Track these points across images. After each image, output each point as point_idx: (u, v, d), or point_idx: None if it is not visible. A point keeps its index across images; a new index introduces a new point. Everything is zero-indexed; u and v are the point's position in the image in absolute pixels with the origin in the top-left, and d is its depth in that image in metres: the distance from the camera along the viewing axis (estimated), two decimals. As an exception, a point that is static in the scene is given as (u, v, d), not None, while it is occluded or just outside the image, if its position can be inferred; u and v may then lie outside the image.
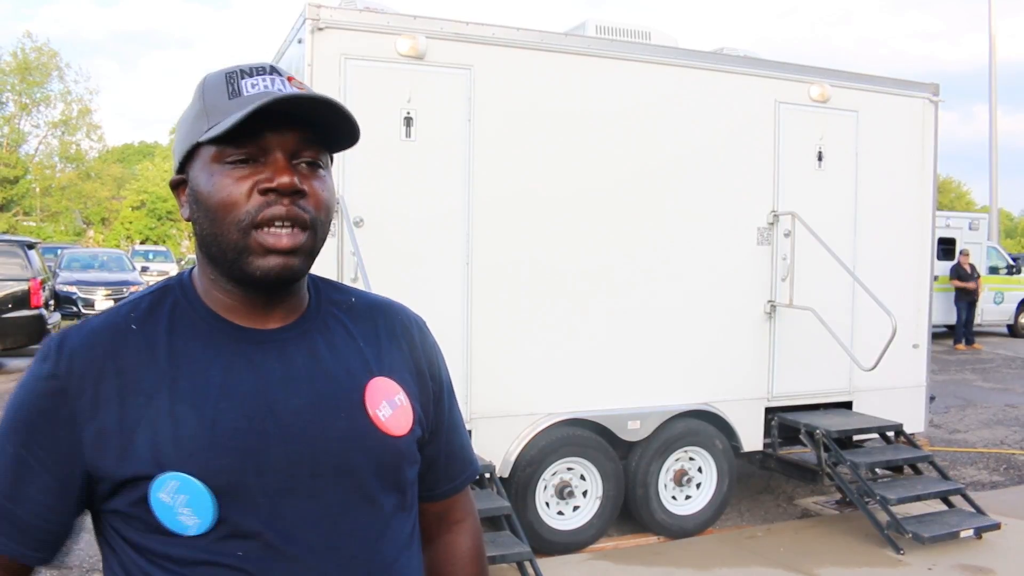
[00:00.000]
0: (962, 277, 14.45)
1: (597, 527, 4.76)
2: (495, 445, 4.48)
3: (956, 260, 14.68)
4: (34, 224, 34.33)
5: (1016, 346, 15.16)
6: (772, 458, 5.42)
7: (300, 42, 4.18)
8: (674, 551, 4.73)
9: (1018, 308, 16.50)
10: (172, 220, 42.47)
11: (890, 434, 5.32)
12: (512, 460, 4.53)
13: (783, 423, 5.23)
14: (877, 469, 5.18)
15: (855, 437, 5.31)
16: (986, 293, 15.60)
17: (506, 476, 4.52)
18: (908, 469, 5.35)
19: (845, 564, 4.47)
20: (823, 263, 5.08)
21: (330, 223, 1.07)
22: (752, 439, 5.20)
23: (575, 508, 4.74)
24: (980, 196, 51.40)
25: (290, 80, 1.03)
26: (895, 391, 5.60)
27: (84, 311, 14.32)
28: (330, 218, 1.07)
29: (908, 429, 5.40)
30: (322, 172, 1.05)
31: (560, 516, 4.72)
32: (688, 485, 5.03)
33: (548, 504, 4.69)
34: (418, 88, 4.29)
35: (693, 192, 4.99)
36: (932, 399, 6.00)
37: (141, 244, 36.35)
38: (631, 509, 4.90)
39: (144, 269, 22.09)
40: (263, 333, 1.05)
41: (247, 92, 1.00)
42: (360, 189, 4.15)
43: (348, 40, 4.15)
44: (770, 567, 4.42)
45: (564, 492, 4.68)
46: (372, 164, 4.16)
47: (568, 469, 4.72)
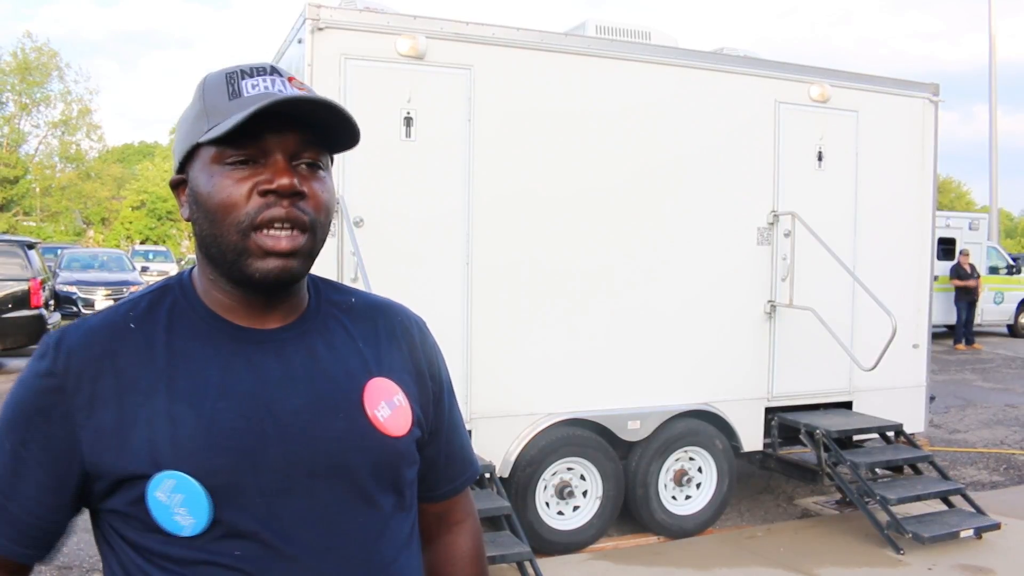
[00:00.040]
0: (962, 277, 14.45)
1: (597, 527, 4.76)
2: (495, 445, 4.48)
3: (956, 260, 14.68)
4: (34, 224, 34.34)
5: (1016, 346, 15.15)
6: (772, 458, 5.43)
7: (300, 42, 4.19)
8: (674, 551, 4.73)
9: (1018, 308, 16.51)
10: (172, 220, 42.47)
11: (890, 434, 5.32)
12: (512, 460, 4.53)
13: (783, 423, 5.23)
14: (877, 469, 5.18)
15: (855, 437, 5.31)
16: (986, 293, 15.60)
17: (506, 476, 4.52)
18: (908, 469, 5.35)
19: (845, 564, 4.47)
20: (823, 263, 5.08)
21: (330, 224, 1.07)
22: (752, 439, 5.20)
23: (575, 508, 4.74)
24: (980, 196, 51.45)
25: (291, 81, 1.03)
26: (895, 391, 5.60)
27: (84, 311, 14.32)
28: (330, 219, 1.06)
29: (908, 429, 5.40)
30: (322, 173, 1.04)
31: (560, 516, 4.72)
32: (688, 485, 5.03)
33: (548, 504, 4.69)
34: (418, 88, 4.29)
35: (693, 192, 4.99)
36: (932, 399, 6.00)
37: (141, 244, 36.35)
38: (631, 509, 4.90)
39: (144, 269, 22.09)
40: (262, 333, 1.05)
41: (247, 93, 1.00)
42: (360, 189, 4.15)
43: (348, 40, 4.15)
44: (770, 567, 4.42)
45: (564, 492, 4.68)
46: (372, 164, 4.16)
47: (568, 469, 4.72)
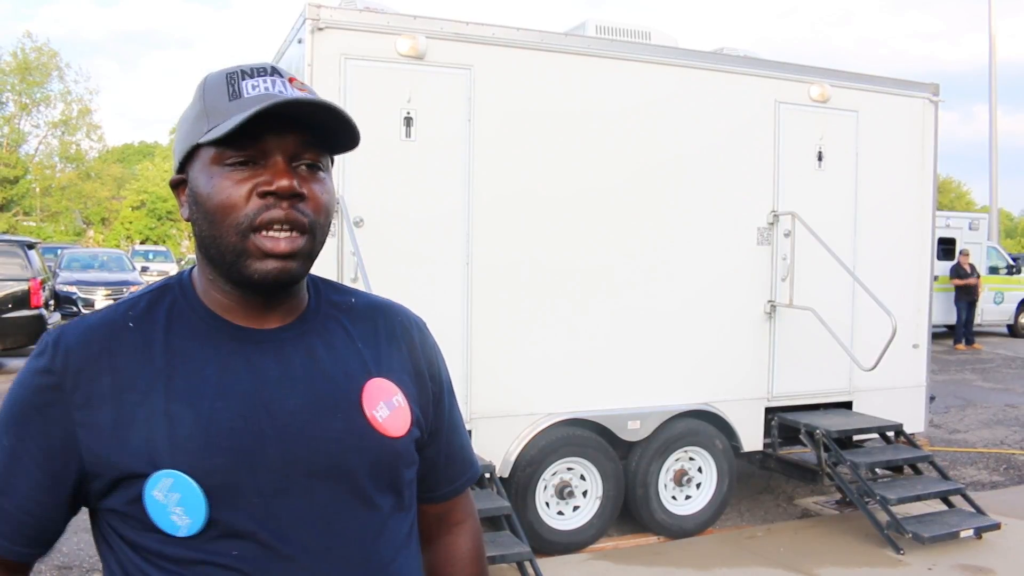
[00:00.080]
0: (962, 277, 14.45)
1: (597, 527, 4.76)
2: (495, 445, 4.48)
3: (956, 260, 14.69)
4: (34, 224, 34.34)
5: (1016, 346, 15.16)
6: (772, 458, 5.42)
7: (300, 42, 4.18)
8: (674, 551, 4.73)
9: (1018, 308, 16.51)
10: (172, 220, 42.47)
11: (890, 434, 5.32)
12: (512, 460, 4.53)
13: (783, 423, 5.23)
14: (877, 469, 5.17)
15: (855, 437, 5.31)
16: (986, 293, 15.61)
17: (506, 476, 4.52)
18: (908, 469, 5.34)
19: (845, 564, 4.47)
20: (823, 263, 5.08)
21: (329, 226, 1.07)
22: (752, 439, 5.20)
23: (575, 508, 4.74)
24: (980, 196, 51.46)
25: (291, 81, 1.03)
26: (895, 391, 5.60)
27: (84, 311, 14.31)
28: (329, 221, 1.06)
29: (908, 429, 5.40)
30: (322, 175, 1.04)
31: (560, 516, 4.72)
32: (688, 485, 5.03)
33: (548, 504, 4.69)
34: (418, 88, 4.29)
35: (693, 192, 4.99)
36: (932, 399, 6.00)
37: (141, 244, 36.35)
38: (631, 509, 4.90)
39: (144, 269, 22.09)
40: (261, 333, 1.05)
41: (247, 94, 1.00)
42: (360, 189, 4.15)
43: (348, 40, 4.15)
44: (770, 567, 4.42)
45: (564, 492, 4.68)
46: (372, 164, 4.16)
47: (568, 469, 4.72)
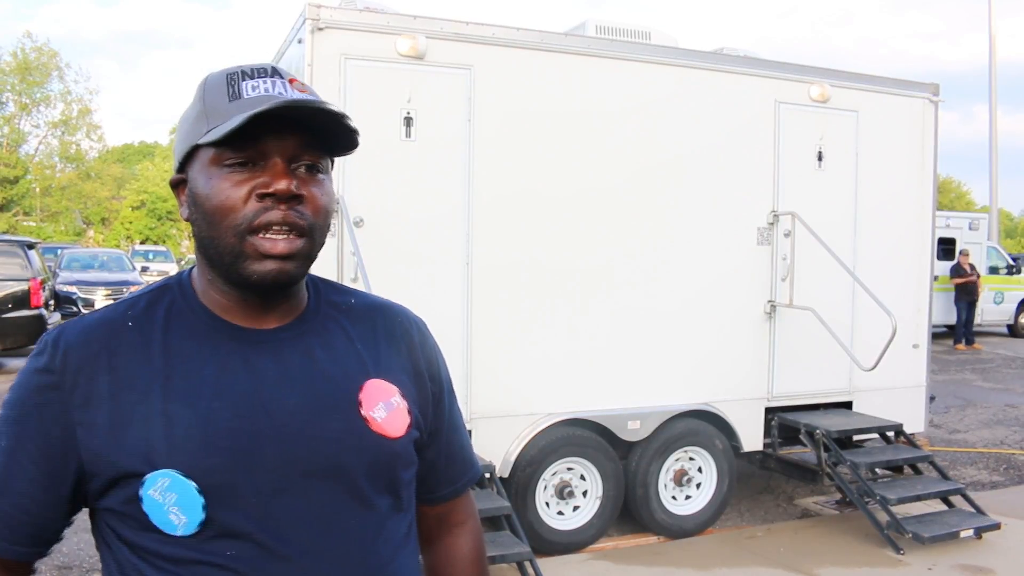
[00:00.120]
0: (961, 277, 14.45)
1: (597, 527, 4.76)
2: (495, 445, 4.48)
3: (956, 260, 14.69)
4: (34, 224, 34.34)
5: (1016, 346, 15.16)
6: (772, 458, 5.42)
7: (300, 42, 4.18)
8: (674, 551, 4.73)
9: (1018, 308, 16.51)
10: (172, 220, 42.46)
11: (890, 434, 5.32)
12: (512, 460, 4.53)
13: (783, 423, 5.23)
14: (877, 469, 5.18)
15: (855, 437, 5.31)
16: (986, 293, 15.60)
17: (506, 476, 4.52)
18: (908, 469, 5.34)
19: (845, 564, 4.47)
20: (823, 263, 5.08)
21: (328, 227, 1.07)
22: (752, 439, 5.20)
23: (575, 508, 4.74)
24: (980, 196, 51.46)
25: (292, 82, 1.03)
26: (895, 391, 5.60)
27: (84, 311, 14.30)
28: (328, 222, 1.06)
29: (908, 429, 5.40)
30: (321, 176, 1.04)
31: (560, 516, 4.72)
32: (688, 485, 5.03)
33: (548, 504, 4.69)
34: (418, 88, 4.29)
35: (693, 192, 4.99)
36: (932, 399, 6.00)
37: (141, 244, 36.35)
38: (631, 509, 4.90)
39: (144, 269, 22.09)
40: (260, 333, 1.05)
41: (247, 95, 1.00)
42: (360, 189, 4.15)
43: (348, 40, 4.15)
44: (770, 567, 4.42)
45: (564, 492, 4.68)
46: (372, 164, 4.16)
47: (568, 469, 4.72)
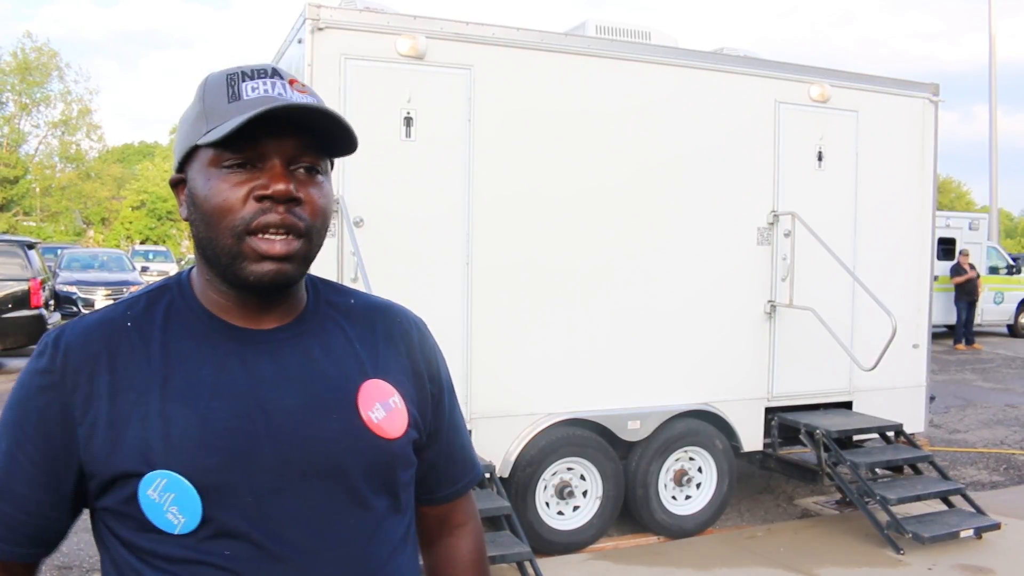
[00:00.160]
0: (961, 276, 14.45)
1: (597, 527, 4.76)
2: (495, 445, 4.48)
3: (956, 260, 14.69)
4: (34, 224, 34.34)
5: (1016, 346, 15.16)
6: (772, 458, 5.42)
7: (300, 42, 4.18)
8: (674, 551, 4.73)
9: (1018, 308, 16.51)
10: (172, 220, 42.45)
11: (890, 434, 5.32)
12: (512, 460, 4.53)
13: (783, 423, 5.23)
14: (877, 469, 5.18)
15: (855, 437, 5.31)
16: (986, 293, 15.60)
17: (506, 476, 4.52)
18: (908, 469, 5.34)
19: (845, 564, 4.47)
20: (823, 263, 5.08)
21: (327, 229, 1.07)
22: (752, 439, 5.20)
23: (575, 508, 4.74)
24: (980, 196, 51.46)
25: (292, 83, 1.03)
26: (895, 391, 5.60)
27: (84, 311, 14.30)
28: (327, 224, 1.06)
29: (908, 429, 5.40)
30: (320, 178, 1.04)
31: (560, 516, 4.72)
32: (688, 485, 5.03)
33: (548, 504, 4.69)
34: (418, 88, 4.29)
35: (693, 192, 4.99)
36: (932, 399, 6.00)
37: (141, 244, 36.34)
38: (631, 509, 4.90)
39: (144, 269, 22.09)
40: (258, 333, 1.05)
41: (247, 96, 1.00)
42: (360, 189, 4.15)
43: (348, 40, 4.15)
44: (770, 567, 4.42)
45: (564, 492, 4.68)
46: (372, 164, 4.16)
47: (568, 469, 4.72)
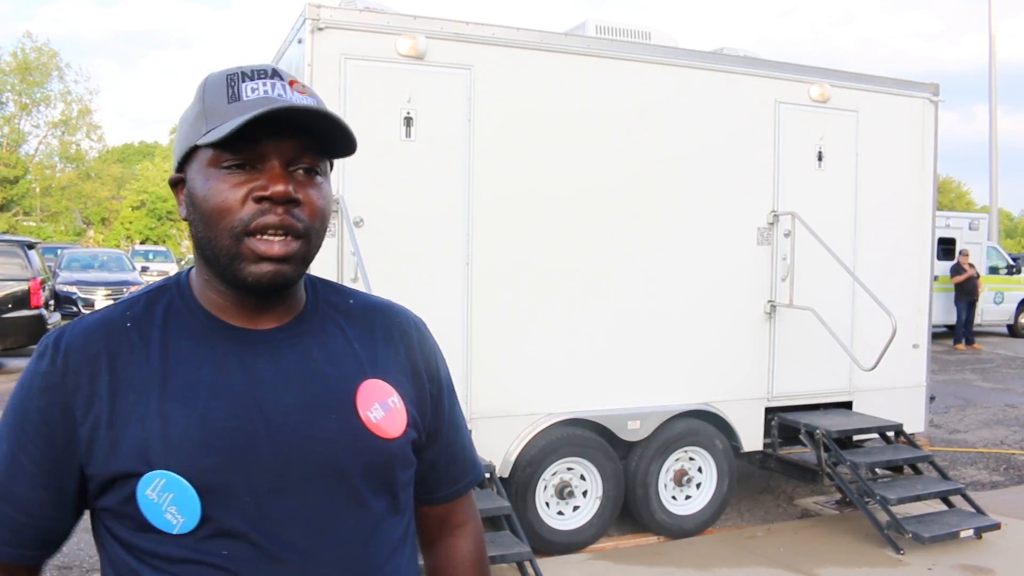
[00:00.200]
0: (961, 275, 14.45)
1: (597, 527, 4.76)
2: (495, 445, 4.48)
3: (956, 260, 14.69)
4: (34, 224, 34.34)
5: (1016, 346, 15.15)
6: (772, 458, 5.42)
7: (300, 42, 4.18)
8: (674, 551, 4.73)
9: (1018, 308, 16.51)
10: (172, 220, 42.43)
11: (890, 434, 5.32)
12: (512, 460, 4.53)
13: (783, 423, 5.23)
14: (877, 469, 5.17)
15: (855, 437, 5.31)
16: (986, 293, 15.60)
17: (506, 476, 4.52)
18: (908, 469, 5.34)
19: (845, 564, 4.47)
20: (823, 263, 5.08)
21: (325, 230, 1.07)
22: (752, 439, 5.20)
23: (575, 508, 4.74)
24: (980, 196, 51.46)
25: (292, 84, 1.03)
26: (895, 391, 5.60)
27: (84, 311, 14.30)
28: (325, 225, 1.06)
29: (908, 429, 5.40)
30: (319, 179, 1.04)
31: (560, 516, 4.72)
32: (688, 485, 5.03)
33: (548, 504, 4.69)
34: (418, 88, 4.29)
35: (693, 192, 4.99)
36: (932, 399, 6.00)
37: (141, 244, 36.32)
38: (631, 509, 4.90)
39: (144, 269, 22.08)
40: (257, 334, 1.05)
41: (246, 97, 1.00)
42: (360, 189, 4.15)
43: (348, 40, 4.15)
44: (770, 567, 4.42)
45: (564, 492, 4.68)
46: (372, 164, 4.16)
47: (568, 469, 4.72)
